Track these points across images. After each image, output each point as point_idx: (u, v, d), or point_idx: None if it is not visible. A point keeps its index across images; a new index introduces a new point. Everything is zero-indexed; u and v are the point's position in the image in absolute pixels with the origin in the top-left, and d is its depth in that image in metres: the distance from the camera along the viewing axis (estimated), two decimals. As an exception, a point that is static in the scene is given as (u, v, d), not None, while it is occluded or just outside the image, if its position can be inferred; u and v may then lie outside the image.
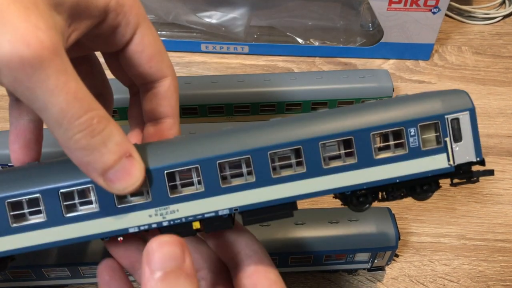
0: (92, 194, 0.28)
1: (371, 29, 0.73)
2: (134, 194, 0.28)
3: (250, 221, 0.30)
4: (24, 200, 0.28)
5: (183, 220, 0.29)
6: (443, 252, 0.51)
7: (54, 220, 0.28)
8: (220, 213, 0.29)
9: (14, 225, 0.28)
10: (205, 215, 0.29)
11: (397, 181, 0.29)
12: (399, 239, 0.45)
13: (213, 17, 0.72)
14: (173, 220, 0.29)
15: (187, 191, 0.29)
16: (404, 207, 0.54)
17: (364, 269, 0.48)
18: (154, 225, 0.29)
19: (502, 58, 0.72)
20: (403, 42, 0.69)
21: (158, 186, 0.28)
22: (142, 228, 0.29)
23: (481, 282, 0.49)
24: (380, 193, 0.31)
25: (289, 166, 0.29)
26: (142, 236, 0.32)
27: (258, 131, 0.29)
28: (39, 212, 0.28)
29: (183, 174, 0.29)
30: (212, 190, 0.29)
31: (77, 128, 0.24)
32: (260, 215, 0.29)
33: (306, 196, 0.29)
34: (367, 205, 0.31)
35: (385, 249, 0.45)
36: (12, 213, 0.28)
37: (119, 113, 0.57)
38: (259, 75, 0.60)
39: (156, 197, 0.28)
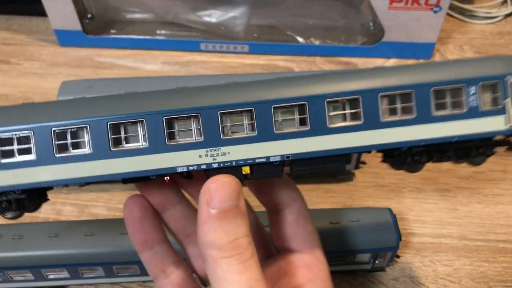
0: (141, 129, 0.27)
1: (372, 28, 0.72)
2: (184, 133, 0.28)
3: (300, 171, 0.29)
4: (70, 130, 0.27)
5: (233, 163, 0.28)
6: (444, 252, 0.51)
7: (100, 153, 0.27)
8: (271, 159, 0.28)
9: (59, 155, 0.27)
10: (256, 160, 0.28)
11: (455, 140, 0.29)
12: (400, 239, 0.44)
13: (213, 16, 0.71)
14: (223, 162, 0.28)
15: (238, 135, 0.28)
16: (405, 208, 0.54)
17: (365, 270, 0.48)
18: (203, 166, 0.28)
19: (504, 57, 0.72)
20: (404, 41, 0.69)
21: (210, 126, 0.27)
22: (191, 168, 0.28)
23: (483, 283, 0.48)
24: (434, 154, 0.30)
25: (344, 116, 0.28)
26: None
27: (316, 79, 0.28)
28: (84, 144, 0.27)
29: (233, 118, 0.28)
30: (265, 135, 0.28)
31: None
32: (311, 165, 0.29)
33: (362, 148, 0.28)
34: (421, 165, 0.30)
35: (386, 249, 0.45)
36: (57, 143, 0.27)
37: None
38: (259, 75, 0.60)
39: (207, 137, 0.27)
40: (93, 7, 0.72)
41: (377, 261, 0.46)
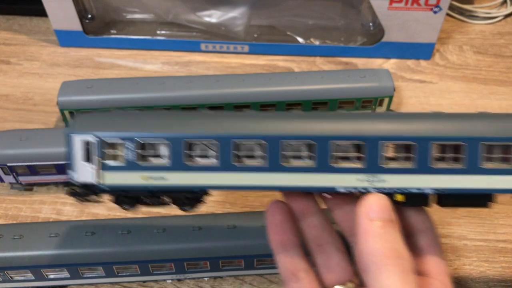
0: (306, 149, 0.31)
1: (372, 28, 0.72)
2: (345, 158, 0.31)
3: (447, 203, 0.32)
4: (248, 144, 0.31)
5: (388, 190, 0.31)
6: (444, 252, 0.51)
7: (272, 166, 0.31)
8: (425, 191, 0.31)
9: (237, 164, 0.31)
10: (410, 190, 0.31)
11: None
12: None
13: (213, 16, 0.71)
14: (379, 188, 0.31)
15: (396, 164, 0.31)
16: (404, 208, 0.54)
17: (364, 270, 0.48)
18: (361, 189, 0.31)
19: (504, 57, 0.72)
20: (404, 42, 0.69)
21: (373, 154, 0.30)
22: (349, 189, 0.31)
23: (482, 283, 0.48)
24: None
25: (493, 159, 0.31)
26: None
27: (475, 120, 0.31)
28: (259, 157, 0.31)
29: (395, 149, 0.31)
30: (422, 168, 0.30)
31: None
32: (458, 200, 0.31)
33: (507, 191, 0.31)
34: None
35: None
36: (235, 152, 0.31)
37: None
38: (259, 75, 0.60)
39: (369, 164, 0.30)
40: (94, 7, 0.72)
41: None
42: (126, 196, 0.32)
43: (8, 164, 0.51)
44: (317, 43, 0.71)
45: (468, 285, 0.48)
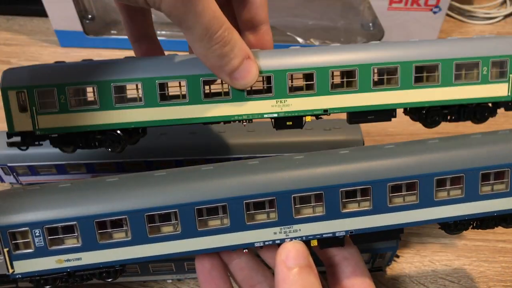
0: (221, 211, 0.31)
1: (371, 28, 0.72)
2: (260, 213, 0.32)
3: (359, 241, 0.34)
4: (160, 214, 0.31)
5: (303, 238, 0.32)
6: (444, 252, 0.51)
7: (188, 232, 0.31)
8: (337, 234, 0.32)
9: (151, 235, 0.31)
10: (324, 235, 0.32)
11: (495, 214, 0.34)
12: (400, 239, 0.44)
13: (213, 16, 0.71)
14: (295, 238, 0.32)
15: (307, 214, 0.32)
16: (404, 208, 0.54)
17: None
18: (278, 241, 0.32)
19: (503, 57, 0.72)
20: (404, 42, 0.69)
21: (284, 208, 0.31)
22: (266, 243, 0.32)
23: (482, 283, 0.48)
24: (473, 223, 0.35)
25: (401, 197, 0.32)
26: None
27: (379, 167, 0.32)
28: (173, 225, 0.31)
29: (304, 200, 0.32)
30: (332, 214, 0.32)
31: (214, 41, 0.32)
32: (369, 237, 0.33)
33: (415, 223, 0.33)
34: (463, 231, 0.35)
35: (385, 249, 0.45)
36: (147, 224, 0.31)
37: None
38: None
39: (281, 217, 0.31)
40: (94, 8, 0.72)
41: (376, 261, 0.46)
42: (45, 280, 0.32)
43: (8, 164, 0.51)
44: (317, 43, 0.71)
45: (468, 285, 0.48)
